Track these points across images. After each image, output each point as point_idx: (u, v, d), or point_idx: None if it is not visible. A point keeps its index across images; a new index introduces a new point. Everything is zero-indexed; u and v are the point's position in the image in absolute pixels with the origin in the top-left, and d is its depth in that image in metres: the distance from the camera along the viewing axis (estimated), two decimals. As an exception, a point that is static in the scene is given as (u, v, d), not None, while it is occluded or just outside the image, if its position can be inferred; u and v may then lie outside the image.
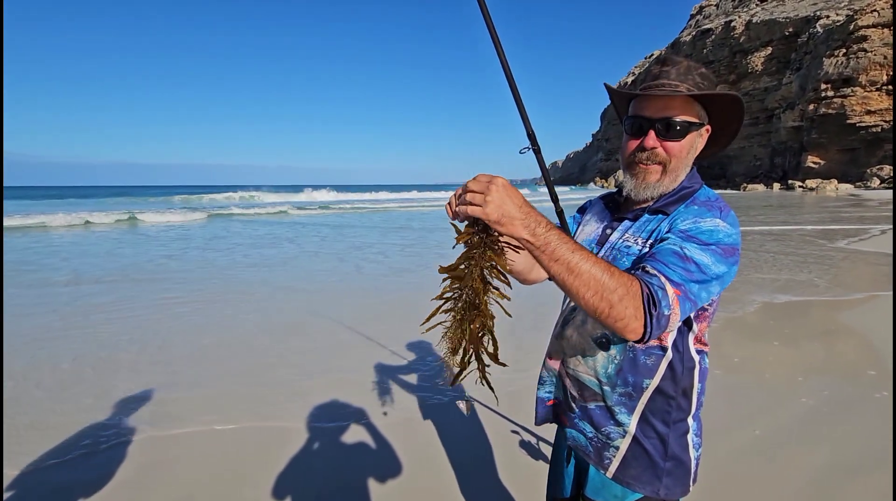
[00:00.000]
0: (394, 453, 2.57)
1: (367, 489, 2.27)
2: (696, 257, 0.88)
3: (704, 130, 1.05)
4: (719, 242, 0.91)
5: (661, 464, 1.03)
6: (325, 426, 2.83)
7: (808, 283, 6.42)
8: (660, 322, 0.82)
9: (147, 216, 17.72)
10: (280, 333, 4.48)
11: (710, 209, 0.98)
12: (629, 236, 1.05)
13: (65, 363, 3.73)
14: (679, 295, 0.85)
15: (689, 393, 1.04)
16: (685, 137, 1.01)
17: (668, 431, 1.03)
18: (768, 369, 3.62)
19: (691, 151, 1.04)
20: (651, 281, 0.84)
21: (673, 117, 0.99)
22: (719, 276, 0.90)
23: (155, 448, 2.61)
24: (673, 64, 1.02)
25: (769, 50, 70.31)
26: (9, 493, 2.24)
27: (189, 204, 30.44)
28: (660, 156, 1.02)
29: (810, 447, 2.57)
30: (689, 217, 0.96)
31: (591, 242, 1.14)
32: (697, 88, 0.99)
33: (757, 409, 2.98)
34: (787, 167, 62.32)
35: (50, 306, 5.42)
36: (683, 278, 0.86)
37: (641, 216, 1.05)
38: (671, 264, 0.87)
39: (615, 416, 1.05)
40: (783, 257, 8.52)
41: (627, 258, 1.02)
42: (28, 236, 12.16)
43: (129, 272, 7.36)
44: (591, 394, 1.08)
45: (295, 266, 8.11)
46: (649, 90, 1.01)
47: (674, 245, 0.90)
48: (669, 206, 1.02)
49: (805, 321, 4.87)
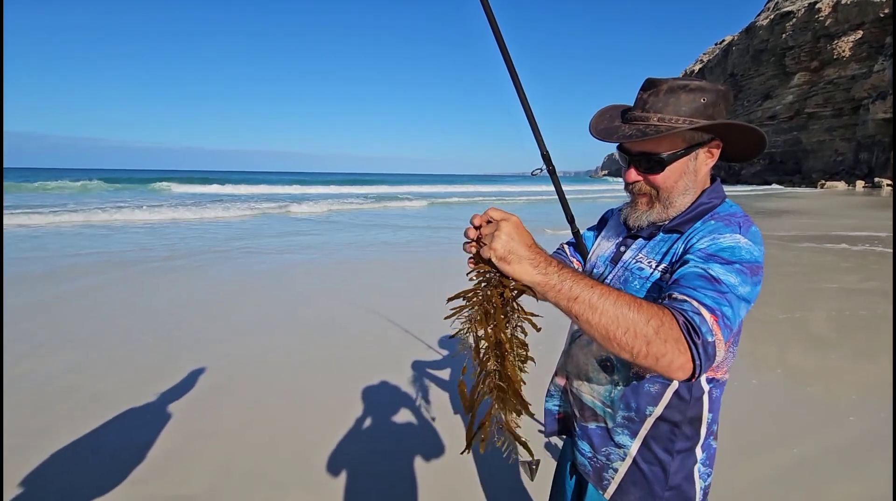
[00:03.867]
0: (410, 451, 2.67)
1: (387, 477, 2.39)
2: (723, 278, 0.81)
3: (708, 149, 0.98)
4: (742, 259, 0.85)
5: (660, 493, 1.01)
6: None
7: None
8: (707, 351, 0.73)
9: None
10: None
11: (728, 225, 0.91)
12: (642, 257, 1.01)
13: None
14: (717, 320, 0.76)
15: (696, 423, 1.01)
16: (668, 167, 0.96)
17: (671, 459, 1.01)
18: (821, 383, 3.41)
19: (684, 177, 0.98)
20: (683, 307, 0.76)
21: (648, 152, 0.95)
22: (747, 298, 0.84)
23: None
24: (653, 89, 0.95)
25: (860, 34, 63.70)
26: (70, 451, 2.55)
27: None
28: (643, 189, 1.00)
29: (854, 472, 2.43)
30: (707, 234, 0.91)
31: (605, 259, 1.12)
32: (677, 114, 0.92)
33: (799, 427, 2.83)
34: (873, 164, 56.69)
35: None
36: (716, 302, 0.78)
37: (656, 235, 1.01)
38: (699, 288, 0.80)
39: (615, 438, 1.04)
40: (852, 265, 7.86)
41: (639, 281, 0.98)
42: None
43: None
44: (592, 415, 1.08)
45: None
46: (627, 124, 0.97)
47: (696, 267, 0.84)
48: (684, 224, 0.98)
49: (872, 335, 4.51)
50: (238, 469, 2.45)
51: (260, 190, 32.52)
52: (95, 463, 2.48)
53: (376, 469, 2.46)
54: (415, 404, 3.13)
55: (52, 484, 2.32)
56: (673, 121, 0.92)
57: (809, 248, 9.54)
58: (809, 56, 69.15)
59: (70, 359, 3.72)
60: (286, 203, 19.31)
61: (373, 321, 4.74)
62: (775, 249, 9.35)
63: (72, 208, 15.56)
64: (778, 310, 5.21)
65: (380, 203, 22.26)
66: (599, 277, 1.11)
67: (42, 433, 2.71)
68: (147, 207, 15.82)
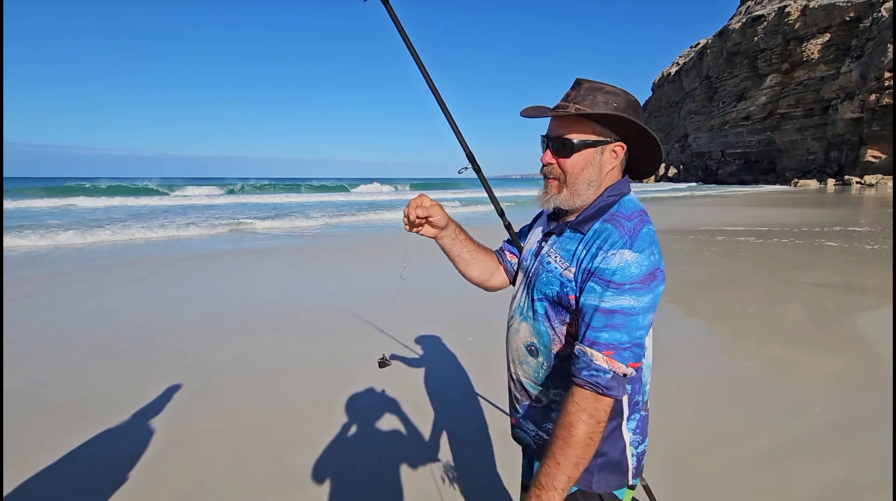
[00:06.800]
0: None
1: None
2: (617, 305, 0.96)
3: (613, 148, 1.09)
4: (632, 278, 0.96)
5: (592, 460, 1.06)
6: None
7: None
8: (613, 383, 0.95)
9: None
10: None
11: (620, 233, 1.00)
12: (552, 252, 1.11)
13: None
14: (612, 354, 0.95)
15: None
16: (576, 153, 1.07)
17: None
18: (790, 375, 3.52)
19: (589, 167, 1.08)
20: (582, 373, 0.96)
21: (562, 135, 1.07)
22: (645, 308, 0.97)
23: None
24: (577, 87, 1.09)
25: (827, 36, 65.89)
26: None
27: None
28: (554, 171, 1.11)
29: (823, 459, 2.51)
30: (602, 245, 1.00)
31: (531, 253, 1.21)
32: (594, 108, 1.04)
33: (767, 416, 2.92)
34: (843, 162, 58.56)
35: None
36: (611, 336, 0.95)
37: (564, 231, 1.11)
38: (597, 328, 0.96)
39: (551, 415, 1.13)
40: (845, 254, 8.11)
41: (546, 275, 1.09)
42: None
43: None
44: (529, 395, 1.17)
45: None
46: (554, 111, 1.09)
47: (594, 300, 0.97)
48: (585, 223, 1.07)
49: (840, 328, 4.67)
50: (213, 476, 2.42)
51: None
52: (66, 475, 2.42)
53: (354, 475, 2.46)
54: (392, 407, 3.12)
55: (20, 499, 2.26)
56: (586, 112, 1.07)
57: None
58: (780, 58, 71.23)
59: (38, 371, 3.63)
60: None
61: (347, 321, 4.73)
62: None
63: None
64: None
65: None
66: (526, 270, 1.21)
67: (9, 446, 2.64)
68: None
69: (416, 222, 1.15)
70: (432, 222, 1.17)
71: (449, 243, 1.25)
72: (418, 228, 1.17)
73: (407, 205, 1.13)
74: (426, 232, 1.19)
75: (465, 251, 1.28)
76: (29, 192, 29.51)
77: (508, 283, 1.38)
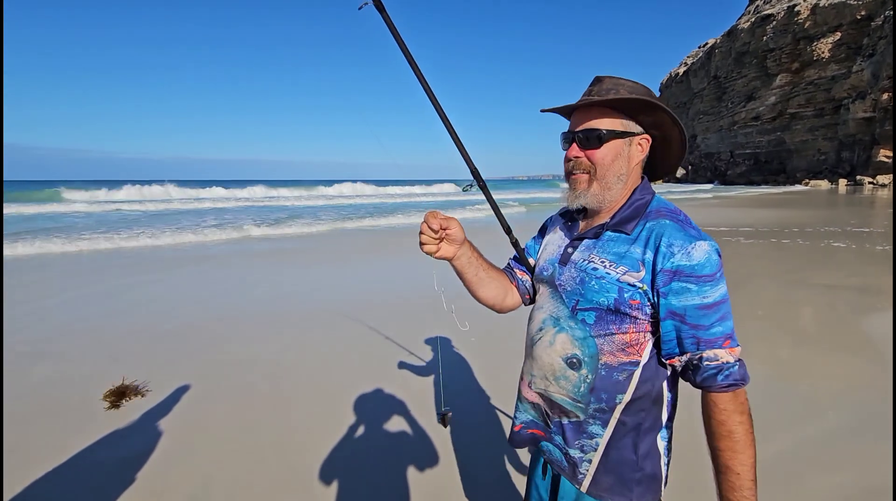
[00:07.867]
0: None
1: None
2: (718, 295, 0.96)
3: (639, 141, 1.09)
4: (716, 265, 0.97)
5: (631, 475, 1.06)
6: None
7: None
8: (746, 373, 0.97)
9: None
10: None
11: (683, 227, 0.99)
12: (594, 257, 1.06)
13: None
14: (730, 342, 0.96)
15: (659, 402, 1.07)
16: (605, 144, 1.06)
17: (640, 442, 1.06)
18: (805, 379, 3.47)
19: (618, 159, 1.07)
20: (718, 379, 0.96)
21: (590, 127, 1.06)
22: (726, 292, 0.98)
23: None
24: (598, 83, 1.08)
25: (838, 35, 65.12)
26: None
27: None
28: (584, 164, 1.08)
29: (835, 465, 2.47)
30: (665, 244, 0.97)
31: (553, 261, 1.16)
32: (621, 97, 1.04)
33: (778, 421, 2.88)
34: (855, 162, 57.76)
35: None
36: (723, 327, 0.96)
37: (602, 235, 1.07)
38: (708, 326, 0.95)
39: (588, 430, 1.07)
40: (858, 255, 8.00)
41: (597, 282, 1.03)
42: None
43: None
44: (563, 411, 1.10)
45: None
46: (576, 105, 1.08)
47: (693, 299, 0.96)
48: (626, 223, 1.04)
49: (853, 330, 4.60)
50: (221, 477, 2.43)
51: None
52: (72, 479, 2.45)
53: (362, 476, 2.46)
54: (399, 409, 3.12)
55: (32, 497, 2.28)
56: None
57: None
58: (790, 58, 70.47)
59: (47, 368, 3.67)
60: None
61: (352, 326, 4.74)
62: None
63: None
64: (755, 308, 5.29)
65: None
66: (549, 278, 1.16)
67: (13, 449, 2.67)
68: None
69: (438, 230, 1.09)
70: (450, 236, 1.11)
71: (465, 263, 1.18)
72: (437, 246, 1.11)
73: (424, 220, 1.08)
74: (444, 252, 1.13)
75: (482, 270, 1.22)
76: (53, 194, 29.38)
77: (521, 303, 1.34)
